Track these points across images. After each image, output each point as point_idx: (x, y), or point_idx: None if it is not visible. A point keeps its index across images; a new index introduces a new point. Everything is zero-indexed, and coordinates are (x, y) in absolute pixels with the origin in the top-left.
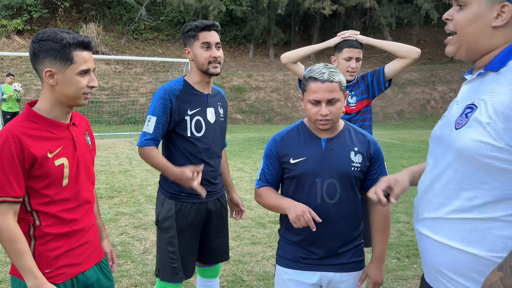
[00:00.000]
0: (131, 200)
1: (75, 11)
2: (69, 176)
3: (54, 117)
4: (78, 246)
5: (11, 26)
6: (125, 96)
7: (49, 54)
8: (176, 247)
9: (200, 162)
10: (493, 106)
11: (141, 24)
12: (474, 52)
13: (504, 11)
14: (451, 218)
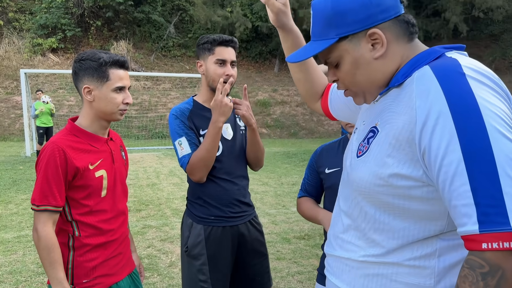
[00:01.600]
0: (158, 214)
1: (106, 29)
2: (107, 187)
3: (94, 131)
4: (113, 256)
5: (46, 45)
6: (154, 111)
7: (88, 72)
8: (207, 276)
9: (223, 182)
10: (392, 130)
11: (170, 42)
12: (378, 88)
13: (375, 38)
14: (352, 261)
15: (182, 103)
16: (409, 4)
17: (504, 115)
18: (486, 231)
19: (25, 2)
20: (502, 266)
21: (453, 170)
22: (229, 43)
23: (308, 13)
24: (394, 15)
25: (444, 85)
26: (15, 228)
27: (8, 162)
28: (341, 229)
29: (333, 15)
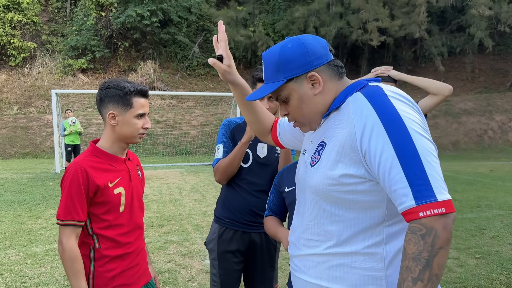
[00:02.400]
0: (180, 229)
1: (133, 50)
2: (125, 203)
3: (113, 152)
4: (130, 267)
5: (76, 65)
6: (178, 128)
7: (113, 100)
8: (217, 270)
9: (244, 193)
10: (338, 141)
11: (194, 61)
12: (321, 116)
13: (314, 79)
14: (317, 255)
15: (236, 118)
16: (433, 20)
17: (418, 120)
18: (421, 203)
19: (58, 25)
20: (434, 227)
21: (389, 164)
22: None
23: (329, 31)
24: (326, 61)
25: (373, 104)
26: (44, 242)
27: (39, 178)
28: (301, 230)
29: (280, 63)
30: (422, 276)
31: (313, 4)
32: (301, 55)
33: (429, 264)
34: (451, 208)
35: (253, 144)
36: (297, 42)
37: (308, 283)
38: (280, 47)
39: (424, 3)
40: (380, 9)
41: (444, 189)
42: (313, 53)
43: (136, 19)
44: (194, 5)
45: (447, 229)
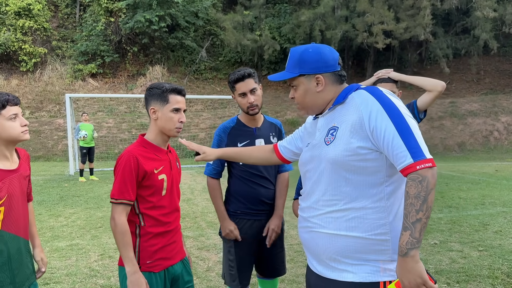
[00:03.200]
0: (194, 226)
1: (142, 55)
2: (166, 188)
3: (157, 144)
4: (169, 244)
5: (86, 70)
6: (187, 131)
7: (154, 97)
8: (234, 256)
9: (253, 185)
10: (349, 124)
11: (202, 65)
12: (318, 109)
13: (319, 81)
14: (335, 211)
15: (228, 121)
16: (437, 22)
17: (405, 108)
18: (417, 160)
19: (67, 31)
20: (427, 175)
21: (391, 136)
22: (244, 78)
23: (335, 34)
24: (332, 70)
25: (376, 97)
26: (66, 238)
27: (54, 180)
28: (321, 194)
29: (299, 61)
30: (422, 207)
31: (319, 8)
32: (315, 60)
33: (426, 199)
34: (434, 163)
35: (251, 142)
36: (316, 50)
37: (330, 234)
38: (304, 49)
39: (429, 6)
40: (385, 12)
41: (428, 151)
42: (324, 61)
43: (145, 24)
44: (201, 10)
45: (434, 176)
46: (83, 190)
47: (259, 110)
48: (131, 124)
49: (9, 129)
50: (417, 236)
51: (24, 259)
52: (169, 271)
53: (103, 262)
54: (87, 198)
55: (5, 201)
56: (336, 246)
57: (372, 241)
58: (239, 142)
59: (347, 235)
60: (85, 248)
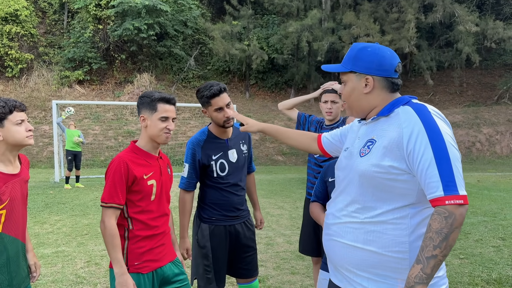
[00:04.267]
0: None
1: (130, 62)
2: (155, 193)
3: (148, 150)
4: (157, 246)
5: (73, 77)
6: (174, 139)
7: (144, 106)
8: (210, 261)
9: (227, 194)
10: (387, 140)
11: (190, 73)
12: (362, 111)
13: (368, 82)
14: (354, 222)
15: (199, 133)
16: (422, 35)
17: (450, 134)
18: (447, 194)
19: (55, 37)
20: (454, 212)
21: (428, 163)
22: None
23: (322, 46)
24: (385, 75)
25: (420, 116)
26: (52, 245)
27: (39, 187)
28: (346, 204)
29: (355, 57)
30: (441, 244)
31: (306, 19)
32: (370, 61)
33: (447, 237)
34: (467, 201)
35: (224, 154)
36: (374, 51)
37: (347, 245)
38: (363, 47)
39: (413, 19)
40: (371, 25)
41: (463, 187)
42: (379, 64)
43: (133, 32)
44: (190, 19)
45: (462, 215)
46: (69, 197)
47: (233, 124)
48: (117, 132)
49: (15, 134)
50: (428, 272)
51: (21, 262)
52: (158, 273)
53: (89, 269)
54: (72, 205)
55: (7, 205)
56: (352, 257)
57: (388, 258)
58: (213, 155)
59: (363, 248)
60: (71, 255)
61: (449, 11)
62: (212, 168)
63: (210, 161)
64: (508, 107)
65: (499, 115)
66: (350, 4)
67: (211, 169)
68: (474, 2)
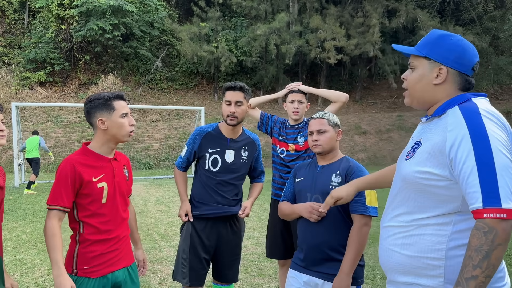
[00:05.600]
0: (147, 238)
1: (94, 63)
2: (107, 196)
3: (102, 152)
4: (110, 251)
5: (34, 78)
6: (141, 142)
7: (98, 108)
8: (187, 256)
9: (213, 192)
10: (431, 145)
11: (157, 75)
12: (423, 103)
13: (441, 73)
14: (395, 226)
15: (209, 125)
16: (386, 40)
17: (502, 139)
18: (487, 207)
19: (15, 37)
20: (495, 227)
21: (469, 171)
22: (235, 88)
23: (290, 49)
24: (461, 70)
25: (467, 120)
26: (10, 253)
27: None
28: (390, 207)
29: (433, 42)
30: (481, 264)
31: (274, 22)
32: (450, 50)
33: (488, 255)
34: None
35: (221, 151)
36: (458, 42)
37: (387, 248)
38: (445, 34)
39: (378, 24)
40: (337, 29)
41: (510, 199)
42: (459, 56)
43: (98, 32)
44: (157, 20)
45: (506, 231)
46: (29, 203)
47: (238, 124)
48: (81, 135)
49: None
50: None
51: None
52: (109, 278)
53: (50, 277)
54: (33, 211)
55: None
56: (391, 261)
57: (422, 263)
58: (210, 148)
59: (400, 253)
60: (30, 263)
61: (412, 16)
62: (205, 159)
63: (205, 152)
64: None
65: None
66: (316, 8)
67: (204, 160)
68: (435, 8)
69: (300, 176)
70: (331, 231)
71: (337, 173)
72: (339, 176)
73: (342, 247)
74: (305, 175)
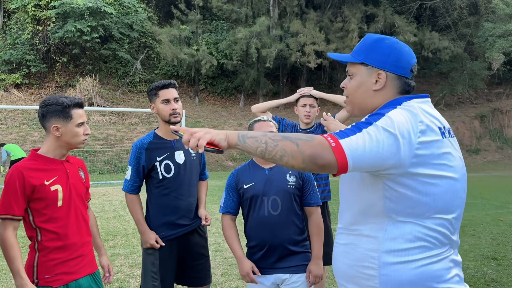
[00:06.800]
0: (126, 243)
1: (72, 65)
2: (63, 199)
3: (53, 156)
4: (72, 258)
5: (9, 80)
6: (119, 145)
7: (55, 114)
8: (157, 268)
9: (173, 199)
10: None
11: (136, 77)
12: (364, 109)
13: (380, 78)
14: (341, 230)
15: (144, 136)
16: None
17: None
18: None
19: None
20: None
21: None
22: (169, 85)
23: (270, 53)
24: (400, 73)
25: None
26: None
27: None
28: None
29: (368, 47)
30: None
31: (255, 26)
32: (386, 54)
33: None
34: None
35: (170, 155)
36: (393, 45)
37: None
38: (380, 38)
39: (357, 29)
40: (317, 34)
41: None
42: (396, 59)
43: (76, 34)
44: (136, 22)
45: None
46: None
47: (180, 120)
48: None
49: None
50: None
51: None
52: (71, 286)
53: None
54: None
55: None
56: (337, 268)
57: (358, 273)
58: (158, 156)
59: (341, 261)
60: (5, 269)
61: (390, 22)
62: (157, 169)
63: (154, 162)
64: (444, 113)
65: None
66: (297, 12)
67: (156, 171)
68: (412, 14)
69: (248, 182)
70: (289, 227)
71: (290, 173)
72: (293, 176)
73: (299, 238)
74: (254, 180)
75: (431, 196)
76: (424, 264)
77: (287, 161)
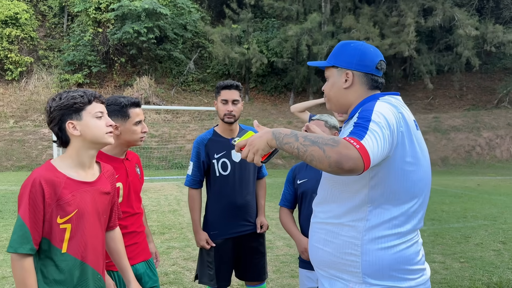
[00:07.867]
0: (181, 236)
1: (129, 65)
2: (123, 195)
3: (113, 154)
4: (129, 245)
5: (72, 80)
6: (173, 142)
7: (113, 114)
8: (213, 258)
9: (229, 197)
10: None
11: (189, 77)
12: (340, 106)
13: (348, 77)
14: (318, 223)
15: (205, 133)
16: (421, 39)
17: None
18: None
19: (54, 40)
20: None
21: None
22: (231, 87)
23: (321, 49)
24: (365, 71)
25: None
26: None
27: None
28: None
29: (337, 52)
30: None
31: (306, 23)
32: (352, 55)
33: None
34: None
35: (227, 153)
36: (358, 47)
37: (312, 245)
38: (347, 43)
39: (413, 23)
40: (371, 29)
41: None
42: (360, 60)
43: (133, 35)
44: (190, 22)
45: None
46: None
47: (235, 121)
48: None
49: (94, 128)
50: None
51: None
52: None
53: None
54: None
55: (72, 218)
56: (317, 257)
57: (341, 259)
58: (216, 153)
59: (323, 249)
60: None
61: (449, 15)
62: (214, 167)
63: (212, 159)
64: (508, 111)
65: (499, 119)
66: (349, 7)
67: (213, 168)
68: (474, 6)
69: (302, 178)
70: None
71: None
72: None
73: None
74: (307, 176)
75: (410, 182)
76: (401, 249)
77: (315, 165)
